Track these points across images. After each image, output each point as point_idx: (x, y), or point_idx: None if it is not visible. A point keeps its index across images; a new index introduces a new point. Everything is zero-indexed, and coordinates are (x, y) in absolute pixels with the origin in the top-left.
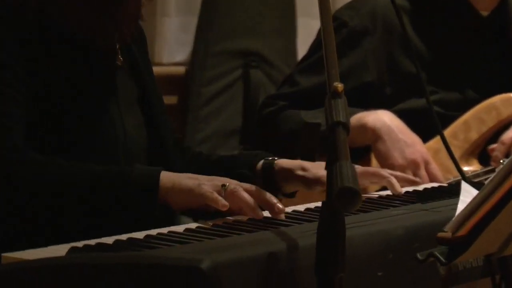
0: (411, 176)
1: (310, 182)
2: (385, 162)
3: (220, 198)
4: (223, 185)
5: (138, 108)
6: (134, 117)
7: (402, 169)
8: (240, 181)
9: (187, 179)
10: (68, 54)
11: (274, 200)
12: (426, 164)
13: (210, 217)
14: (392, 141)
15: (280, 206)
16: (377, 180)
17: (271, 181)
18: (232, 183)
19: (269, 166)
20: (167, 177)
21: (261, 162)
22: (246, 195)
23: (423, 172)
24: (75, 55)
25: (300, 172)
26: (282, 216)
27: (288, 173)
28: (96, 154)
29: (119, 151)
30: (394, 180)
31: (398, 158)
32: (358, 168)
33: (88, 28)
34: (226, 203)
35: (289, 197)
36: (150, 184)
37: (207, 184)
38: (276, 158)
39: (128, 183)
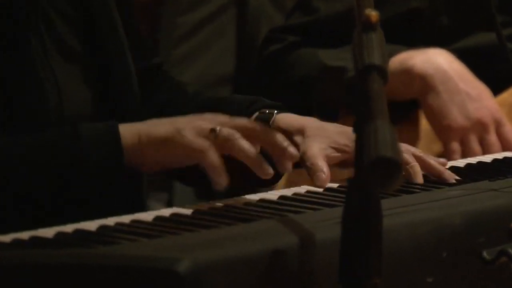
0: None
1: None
2: (439, 123)
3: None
4: (213, 130)
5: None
6: (75, 68)
7: (464, 132)
8: None
9: (156, 127)
10: None
11: (284, 143)
12: (498, 125)
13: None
14: (450, 92)
15: (293, 151)
16: None
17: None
18: (223, 125)
19: (263, 123)
20: (128, 129)
21: (255, 115)
22: (245, 145)
23: (493, 136)
24: None
25: (298, 139)
26: (289, 167)
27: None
28: (16, 125)
29: (50, 119)
30: (417, 169)
31: (458, 117)
32: None
33: None
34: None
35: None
36: (109, 144)
37: (188, 128)
38: (275, 112)
39: (73, 150)
